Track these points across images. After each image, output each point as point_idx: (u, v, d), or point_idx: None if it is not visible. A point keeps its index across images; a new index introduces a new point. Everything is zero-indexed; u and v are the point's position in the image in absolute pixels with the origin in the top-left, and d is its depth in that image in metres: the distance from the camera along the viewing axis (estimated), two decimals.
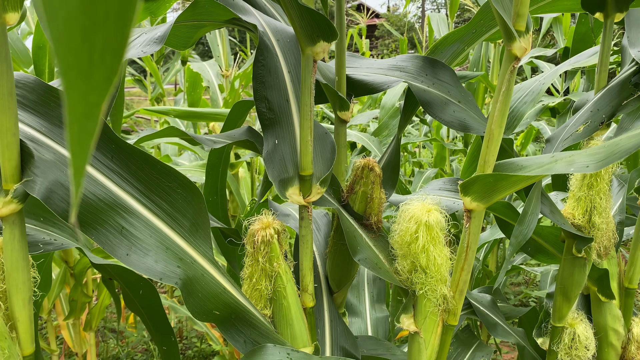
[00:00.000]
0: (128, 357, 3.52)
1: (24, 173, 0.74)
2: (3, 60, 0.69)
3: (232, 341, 0.88)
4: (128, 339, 3.61)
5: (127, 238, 0.76)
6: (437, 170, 2.93)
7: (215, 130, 2.51)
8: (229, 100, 2.49)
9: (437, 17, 3.22)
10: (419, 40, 4.60)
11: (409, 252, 0.99)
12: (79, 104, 0.18)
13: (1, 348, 0.74)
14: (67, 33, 0.17)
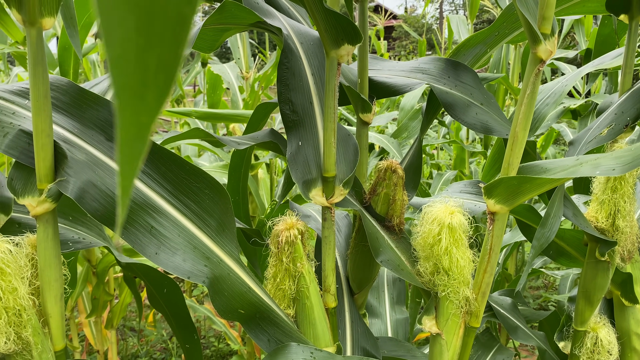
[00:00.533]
0: (147, 356, 3.56)
1: (58, 173, 0.77)
2: (39, 63, 0.72)
3: (256, 340, 0.90)
4: (147, 337, 3.65)
5: (156, 237, 0.78)
6: (457, 172, 2.92)
7: (235, 131, 2.53)
8: (249, 101, 2.51)
9: (457, 19, 3.21)
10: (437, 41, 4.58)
11: (431, 254, 0.99)
12: (130, 125, 0.18)
13: (35, 343, 0.77)
14: (123, 53, 0.17)
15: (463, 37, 3.11)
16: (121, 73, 0.18)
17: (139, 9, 0.17)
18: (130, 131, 0.18)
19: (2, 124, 0.80)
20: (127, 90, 0.19)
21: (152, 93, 0.18)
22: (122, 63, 0.18)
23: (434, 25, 17.77)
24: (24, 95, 0.85)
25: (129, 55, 0.18)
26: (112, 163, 0.78)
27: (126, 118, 0.18)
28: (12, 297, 0.72)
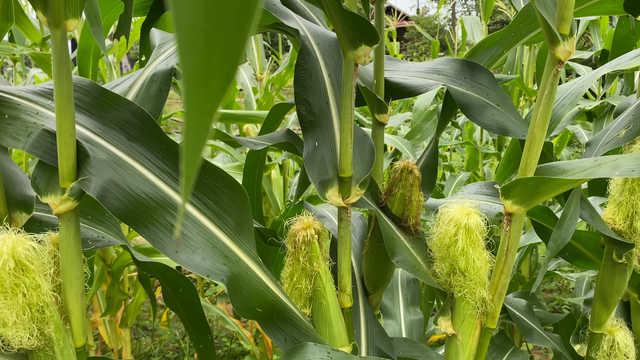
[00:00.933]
0: (160, 355, 3.59)
1: (80, 172, 0.78)
2: (63, 64, 0.73)
3: (273, 338, 0.90)
4: (161, 337, 3.67)
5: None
6: (470, 174, 2.91)
7: (249, 132, 2.55)
8: (263, 102, 2.52)
9: (471, 20, 3.20)
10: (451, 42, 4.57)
11: (447, 255, 0.99)
12: (194, 112, 0.19)
13: (57, 339, 0.78)
14: (191, 38, 0.18)
15: (477, 38, 3.10)
16: (189, 58, 0.19)
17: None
18: (195, 118, 0.19)
19: (26, 124, 0.81)
20: (193, 75, 0.19)
21: (216, 79, 0.19)
22: (189, 48, 0.18)
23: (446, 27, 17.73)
24: (47, 95, 0.86)
25: (197, 39, 0.18)
26: (133, 162, 0.79)
27: (192, 105, 0.18)
28: (36, 293, 0.73)
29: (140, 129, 0.80)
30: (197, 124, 0.19)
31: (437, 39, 4.31)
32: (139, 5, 1.32)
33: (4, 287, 0.71)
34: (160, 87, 0.86)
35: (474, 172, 3.12)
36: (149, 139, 0.80)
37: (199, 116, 0.19)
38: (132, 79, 0.90)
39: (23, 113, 0.83)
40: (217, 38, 0.18)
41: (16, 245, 0.71)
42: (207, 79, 0.19)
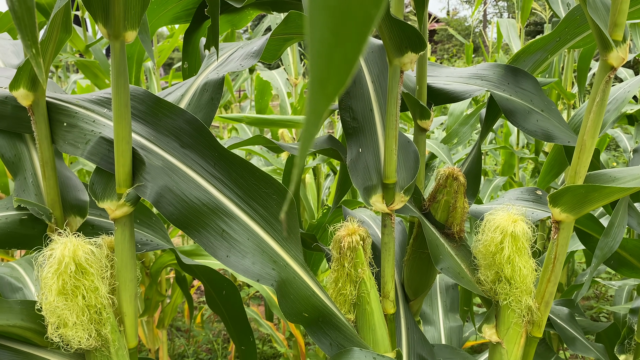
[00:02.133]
0: (194, 356, 3.64)
1: (135, 178, 0.80)
2: (121, 74, 0.75)
3: (318, 343, 0.91)
4: (196, 337, 3.73)
5: (227, 240, 0.80)
6: (507, 178, 2.87)
7: (284, 136, 2.57)
8: (297, 107, 2.55)
9: (507, 23, 3.16)
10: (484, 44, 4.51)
11: (493, 262, 0.98)
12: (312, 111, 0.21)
13: (112, 340, 0.80)
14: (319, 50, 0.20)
15: (513, 40, 3.06)
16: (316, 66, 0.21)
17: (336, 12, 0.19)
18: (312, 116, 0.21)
19: (84, 132, 0.84)
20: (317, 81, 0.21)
21: (332, 84, 0.20)
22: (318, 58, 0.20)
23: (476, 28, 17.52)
24: (103, 104, 0.89)
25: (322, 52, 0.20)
26: (186, 169, 0.81)
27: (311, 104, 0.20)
28: (94, 295, 0.76)
29: (193, 137, 0.82)
30: (312, 122, 0.21)
31: (471, 41, 4.27)
32: (181, 13, 1.35)
33: (65, 289, 0.74)
34: (211, 96, 0.88)
35: (510, 176, 3.08)
36: (202, 146, 0.82)
37: (314, 115, 0.21)
38: (184, 88, 0.93)
39: (81, 121, 0.86)
40: (337, 50, 0.20)
41: (77, 249, 0.74)
42: (325, 84, 0.20)
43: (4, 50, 1.13)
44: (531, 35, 14.65)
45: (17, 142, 0.98)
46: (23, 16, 0.57)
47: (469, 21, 29.29)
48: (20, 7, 0.56)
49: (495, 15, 32.63)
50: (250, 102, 4.18)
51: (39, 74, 0.56)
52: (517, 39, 3.07)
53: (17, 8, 0.55)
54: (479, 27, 17.92)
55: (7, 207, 0.96)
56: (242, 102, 4.58)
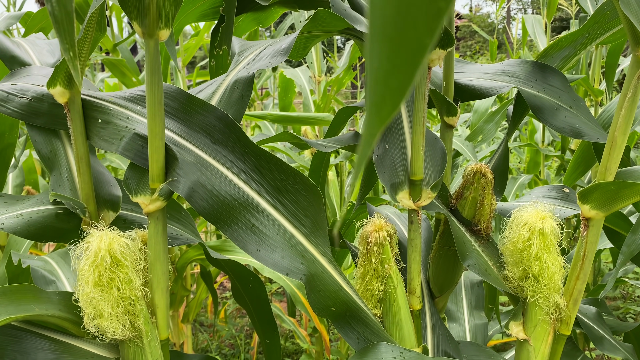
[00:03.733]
0: (217, 350, 3.68)
1: (168, 174, 0.82)
2: (155, 72, 0.77)
3: (345, 337, 0.92)
4: (219, 332, 3.77)
5: (257, 235, 0.82)
6: (532, 176, 2.84)
7: (307, 134, 2.58)
8: (321, 105, 2.56)
9: (532, 19, 3.12)
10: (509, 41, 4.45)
11: (520, 259, 0.98)
12: (367, 133, 0.22)
13: (145, 331, 0.83)
14: (376, 76, 0.21)
15: (539, 37, 3.02)
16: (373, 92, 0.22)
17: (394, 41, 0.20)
18: (366, 137, 0.22)
19: (118, 128, 0.86)
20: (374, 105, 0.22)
21: (385, 108, 0.22)
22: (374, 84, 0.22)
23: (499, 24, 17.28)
24: (135, 101, 0.92)
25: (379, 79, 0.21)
26: (217, 164, 0.83)
27: (367, 126, 0.21)
28: (129, 288, 0.78)
29: (224, 133, 0.84)
30: (367, 142, 0.22)
31: (495, 37, 4.23)
32: (208, 11, 1.37)
33: (101, 281, 0.76)
34: (242, 93, 0.90)
35: (535, 174, 3.05)
36: (232, 142, 0.84)
37: (370, 136, 0.22)
38: (215, 85, 0.94)
39: (115, 118, 0.88)
40: (393, 76, 0.20)
41: (112, 242, 0.76)
42: (381, 107, 0.21)
43: (39, 50, 1.16)
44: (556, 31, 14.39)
45: (52, 139, 1.01)
46: (62, 20, 0.59)
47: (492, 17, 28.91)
48: (60, 12, 0.58)
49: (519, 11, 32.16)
50: (273, 100, 4.21)
51: (75, 76, 0.58)
52: (543, 35, 3.03)
53: (56, 12, 0.57)
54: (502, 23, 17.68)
55: (43, 201, 0.99)
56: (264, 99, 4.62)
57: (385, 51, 0.20)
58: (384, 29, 0.20)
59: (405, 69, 0.21)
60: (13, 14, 2.23)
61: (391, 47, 0.20)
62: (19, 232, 0.91)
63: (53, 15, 0.58)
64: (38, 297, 0.78)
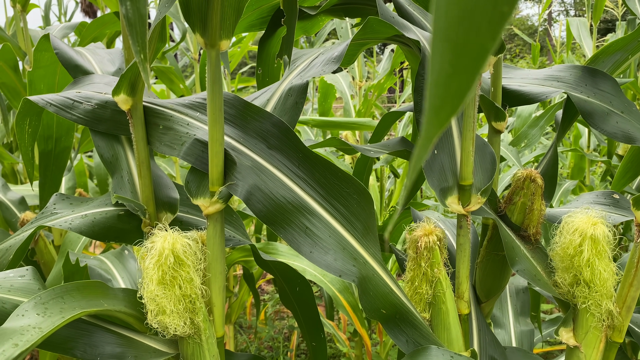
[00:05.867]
0: (256, 352, 3.73)
1: (227, 177, 0.86)
2: (217, 81, 0.81)
3: (395, 339, 0.94)
4: (259, 334, 3.82)
5: (310, 237, 0.84)
6: (577, 182, 2.78)
7: (348, 139, 2.60)
8: (362, 110, 2.57)
9: (577, 21, 3.05)
10: (551, 44, 4.37)
11: (571, 265, 0.98)
12: (424, 137, 0.23)
13: (204, 329, 0.86)
14: (437, 79, 0.22)
15: (584, 40, 2.96)
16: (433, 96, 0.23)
17: (457, 45, 0.21)
18: (423, 141, 0.23)
19: (179, 134, 0.91)
20: (432, 109, 0.23)
21: (444, 112, 0.23)
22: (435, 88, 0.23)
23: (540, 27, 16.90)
24: (195, 108, 0.96)
25: (441, 81, 0.23)
26: (273, 169, 0.86)
27: (424, 130, 0.23)
28: (190, 286, 0.82)
29: (279, 139, 0.87)
30: (424, 146, 0.23)
31: (538, 41, 4.16)
32: (256, 22, 1.41)
33: (164, 279, 0.80)
34: (296, 100, 0.93)
35: (580, 180, 2.98)
36: (287, 147, 0.87)
37: (427, 140, 0.23)
38: (270, 93, 0.98)
39: (176, 124, 0.92)
40: (454, 79, 0.22)
41: (175, 242, 0.80)
42: (439, 111, 0.23)
43: (100, 59, 1.22)
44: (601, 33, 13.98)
45: (114, 144, 1.07)
46: (135, 23, 0.62)
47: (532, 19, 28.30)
48: (133, 15, 0.61)
49: (560, 13, 31.38)
50: (312, 105, 4.25)
51: (145, 79, 0.61)
52: (589, 38, 2.97)
53: (130, 15, 0.61)
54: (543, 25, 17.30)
55: (105, 203, 1.04)
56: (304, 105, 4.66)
57: (448, 55, 0.21)
58: (447, 32, 0.21)
59: (467, 73, 0.21)
60: (68, 24, 2.34)
61: (454, 50, 0.21)
62: (85, 232, 0.96)
63: (127, 18, 0.62)
64: (106, 293, 0.82)
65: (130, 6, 0.62)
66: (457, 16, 0.21)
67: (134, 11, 0.64)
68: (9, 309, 0.77)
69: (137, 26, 0.65)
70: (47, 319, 0.67)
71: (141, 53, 0.67)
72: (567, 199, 2.68)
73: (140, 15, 0.65)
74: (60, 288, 0.74)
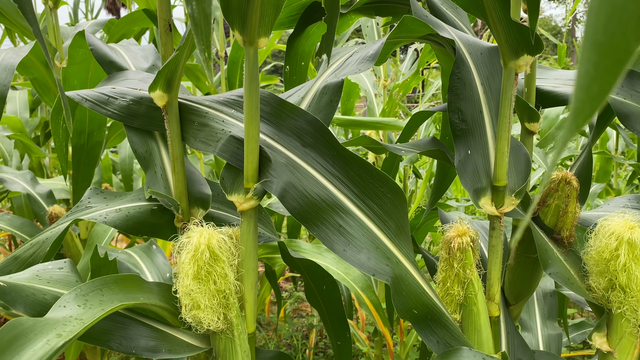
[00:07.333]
0: (275, 349, 3.75)
1: (262, 174, 0.86)
2: (254, 78, 0.81)
3: (425, 340, 0.93)
4: (279, 332, 3.84)
5: (343, 235, 0.84)
6: (604, 185, 2.74)
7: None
8: (386, 109, 2.57)
9: None
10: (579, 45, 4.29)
11: (606, 269, 0.96)
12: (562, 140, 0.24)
13: (236, 324, 0.87)
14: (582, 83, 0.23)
15: None
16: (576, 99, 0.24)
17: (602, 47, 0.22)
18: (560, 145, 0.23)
19: (215, 130, 0.91)
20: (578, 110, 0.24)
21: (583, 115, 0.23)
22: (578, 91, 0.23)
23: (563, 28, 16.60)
24: (230, 105, 0.96)
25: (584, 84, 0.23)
26: (307, 167, 0.86)
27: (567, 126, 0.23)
28: (224, 281, 0.82)
29: (314, 137, 0.87)
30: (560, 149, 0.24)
31: (563, 41, 4.09)
32: (285, 20, 1.41)
33: (199, 274, 0.81)
34: (331, 98, 0.93)
35: (607, 184, 2.93)
36: (322, 145, 0.87)
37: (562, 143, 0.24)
38: (304, 90, 0.98)
39: (211, 121, 0.93)
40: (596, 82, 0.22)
41: (211, 238, 0.81)
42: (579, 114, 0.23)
43: (134, 55, 1.24)
44: None
45: (148, 140, 1.08)
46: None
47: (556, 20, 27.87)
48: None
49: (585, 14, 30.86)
50: None
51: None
52: None
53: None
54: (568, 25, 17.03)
55: (139, 198, 1.05)
56: None
57: (594, 58, 0.22)
58: (595, 35, 0.21)
59: (609, 74, 0.22)
60: (97, 21, 2.37)
61: (599, 53, 0.22)
62: (119, 226, 0.97)
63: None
64: (141, 286, 0.83)
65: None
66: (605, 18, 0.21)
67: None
68: (49, 300, 0.78)
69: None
70: (87, 311, 0.68)
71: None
72: (595, 203, 2.63)
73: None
74: (99, 280, 0.75)
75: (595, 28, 0.21)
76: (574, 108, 0.23)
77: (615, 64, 0.22)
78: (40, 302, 0.78)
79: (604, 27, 0.21)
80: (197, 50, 0.63)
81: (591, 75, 0.22)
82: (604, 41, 0.21)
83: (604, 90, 0.22)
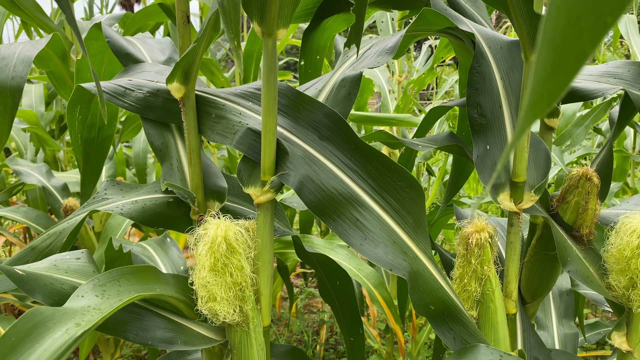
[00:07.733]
0: (287, 343, 3.75)
1: (278, 167, 0.86)
2: (272, 71, 0.81)
3: (442, 336, 0.92)
4: (291, 327, 3.84)
5: (360, 229, 0.84)
6: (621, 184, 2.70)
7: None
8: (401, 105, 2.55)
9: (625, 19, 2.95)
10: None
11: (627, 268, 0.94)
12: (520, 129, 0.25)
13: (252, 317, 0.86)
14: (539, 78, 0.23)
15: (633, 38, 2.86)
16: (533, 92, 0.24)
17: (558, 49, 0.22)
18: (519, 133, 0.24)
19: (232, 123, 0.91)
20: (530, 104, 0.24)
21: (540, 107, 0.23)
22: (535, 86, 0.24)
23: None
24: (247, 97, 0.96)
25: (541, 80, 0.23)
26: (324, 160, 0.85)
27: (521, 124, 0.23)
28: (240, 274, 0.82)
29: (331, 130, 0.86)
30: (518, 136, 0.25)
31: None
32: (300, 13, 1.40)
33: (216, 266, 0.81)
34: (348, 91, 0.92)
35: (624, 182, 2.89)
36: (339, 138, 0.86)
37: (521, 131, 0.25)
38: (322, 83, 0.97)
39: (228, 113, 0.92)
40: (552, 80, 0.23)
41: (228, 230, 0.80)
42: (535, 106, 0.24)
43: (150, 48, 1.24)
44: None
45: (164, 132, 1.08)
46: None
47: None
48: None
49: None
50: None
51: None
52: (638, 35, 2.87)
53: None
54: None
55: (155, 190, 1.05)
56: None
57: (551, 58, 0.23)
58: (553, 39, 0.22)
59: (565, 74, 0.23)
60: (113, 15, 2.37)
61: (556, 54, 0.22)
62: (135, 218, 0.97)
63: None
64: (158, 278, 0.83)
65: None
66: (563, 25, 0.22)
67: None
68: (67, 289, 0.78)
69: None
70: (105, 301, 0.68)
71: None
72: (611, 202, 2.60)
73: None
74: (117, 271, 0.75)
75: (553, 32, 0.22)
76: (530, 100, 0.23)
77: (571, 65, 0.23)
78: (59, 291, 0.78)
79: (561, 33, 0.22)
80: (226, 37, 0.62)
81: (548, 73, 0.23)
82: (561, 45, 0.22)
83: (560, 88, 0.23)
